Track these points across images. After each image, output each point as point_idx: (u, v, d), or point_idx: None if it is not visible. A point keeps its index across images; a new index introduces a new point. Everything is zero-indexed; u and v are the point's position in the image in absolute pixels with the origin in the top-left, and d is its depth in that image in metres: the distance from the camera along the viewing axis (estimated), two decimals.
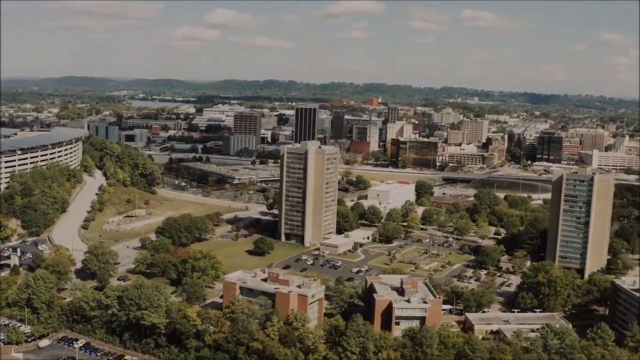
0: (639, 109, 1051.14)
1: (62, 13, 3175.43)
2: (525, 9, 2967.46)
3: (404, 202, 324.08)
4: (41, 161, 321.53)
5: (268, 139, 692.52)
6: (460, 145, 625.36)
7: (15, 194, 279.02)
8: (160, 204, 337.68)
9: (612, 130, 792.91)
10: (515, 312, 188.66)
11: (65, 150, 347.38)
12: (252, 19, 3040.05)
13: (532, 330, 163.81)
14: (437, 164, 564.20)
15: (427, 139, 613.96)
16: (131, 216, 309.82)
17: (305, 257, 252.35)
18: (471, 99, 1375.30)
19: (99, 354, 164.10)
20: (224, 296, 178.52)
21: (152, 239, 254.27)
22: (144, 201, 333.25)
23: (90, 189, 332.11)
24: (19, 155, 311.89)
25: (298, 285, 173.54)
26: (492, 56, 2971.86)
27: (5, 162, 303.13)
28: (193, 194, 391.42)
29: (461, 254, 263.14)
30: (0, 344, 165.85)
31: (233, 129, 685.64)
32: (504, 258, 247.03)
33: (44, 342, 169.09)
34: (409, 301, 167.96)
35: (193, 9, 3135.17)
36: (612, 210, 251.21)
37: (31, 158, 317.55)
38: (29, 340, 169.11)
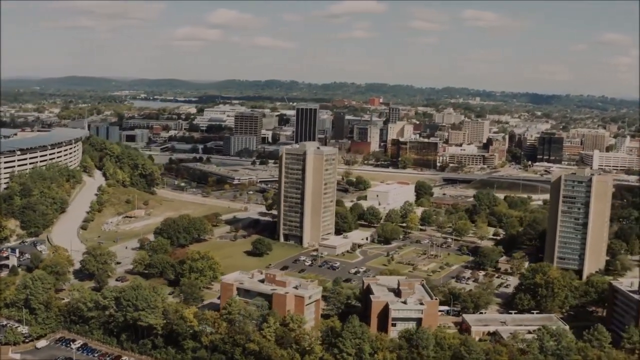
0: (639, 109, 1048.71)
1: (63, 13, 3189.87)
2: (526, 9, 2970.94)
3: (403, 203, 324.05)
4: (40, 162, 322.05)
5: (269, 139, 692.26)
6: (461, 145, 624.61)
7: (15, 194, 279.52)
8: (159, 205, 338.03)
9: (614, 131, 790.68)
10: (512, 314, 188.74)
11: (65, 150, 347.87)
12: (254, 19, 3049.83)
13: (529, 332, 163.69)
14: (438, 164, 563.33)
15: (428, 140, 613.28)
16: (130, 217, 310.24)
17: (303, 258, 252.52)
18: (473, 99, 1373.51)
19: (96, 355, 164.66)
20: (221, 297, 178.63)
21: (151, 239, 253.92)
22: (143, 202, 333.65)
23: (90, 189, 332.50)
24: (19, 155, 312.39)
25: (295, 287, 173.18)
26: (494, 56, 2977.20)
27: (5, 163, 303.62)
28: (192, 195, 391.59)
29: (460, 255, 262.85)
30: None
31: (234, 129, 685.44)
32: (502, 259, 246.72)
33: (42, 343, 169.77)
34: (405, 302, 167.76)
35: (194, 9, 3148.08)
36: (612, 211, 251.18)
37: (30, 158, 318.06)
38: (26, 340, 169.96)
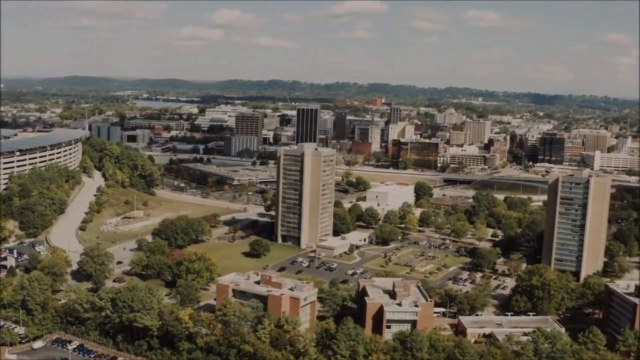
0: None
1: (64, 13, 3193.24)
2: (527, 9, 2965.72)
3: (402, 204, 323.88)
4: (40, 162, 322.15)
5: (270, 140, 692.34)
6: (462, 146, 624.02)
7: (14, 195, 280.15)
8: (158, 205, 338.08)
9: (615, 131, 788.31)
10: (508, 316, 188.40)
11: (65, 151, 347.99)
12: (256, 19, 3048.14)
13: (524, 334, 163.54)
14: (439, 165, 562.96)
15: (429, 140, 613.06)
16: (129, 217, 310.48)
17: (301, 259, 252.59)
18: (475, 99, 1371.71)
19: (92, 356, 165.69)
20: (217, 299, 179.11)
21: (149, 240, 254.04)
22: (142, 202, 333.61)
23: (89, 190, 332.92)
24: (18, 156, 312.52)
25: (291, 288, 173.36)
26: (496, 56, 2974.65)
27: (4, 163, 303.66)
28: (192, 195, 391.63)
29: (457, 256, 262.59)
30: None
31: (235, 129, 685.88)
32: (500, 260, 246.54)
33: (38, 344, 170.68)
34: (400, 304, 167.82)
35: (196, 9, 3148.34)
36: (611, 212, 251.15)
37: (30, 159, 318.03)
38: (23, 341, 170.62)
